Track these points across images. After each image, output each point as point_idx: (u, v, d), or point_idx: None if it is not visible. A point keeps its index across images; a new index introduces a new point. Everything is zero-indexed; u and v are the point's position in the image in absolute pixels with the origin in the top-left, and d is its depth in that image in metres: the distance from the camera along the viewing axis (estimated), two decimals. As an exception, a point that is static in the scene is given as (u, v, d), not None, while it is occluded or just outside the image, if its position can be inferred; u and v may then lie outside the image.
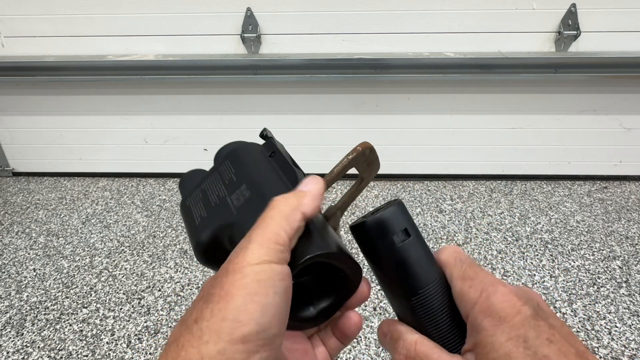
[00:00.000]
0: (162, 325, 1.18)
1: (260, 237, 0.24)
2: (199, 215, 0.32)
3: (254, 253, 0.23)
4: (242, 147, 0.36)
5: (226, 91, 1.76)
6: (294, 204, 0.26)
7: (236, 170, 0.33)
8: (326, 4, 1.54)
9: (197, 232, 0.31)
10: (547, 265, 1.38)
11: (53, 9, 1.59)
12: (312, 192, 0.27)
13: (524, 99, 1.72)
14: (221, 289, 0.23)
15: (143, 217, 1.67)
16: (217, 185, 0.34)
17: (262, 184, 0.31)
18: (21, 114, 1.86)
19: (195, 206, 0.33)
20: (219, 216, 0.31)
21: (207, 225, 0.31)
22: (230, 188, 0.32)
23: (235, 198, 0.31)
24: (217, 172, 0.35)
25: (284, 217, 0.25)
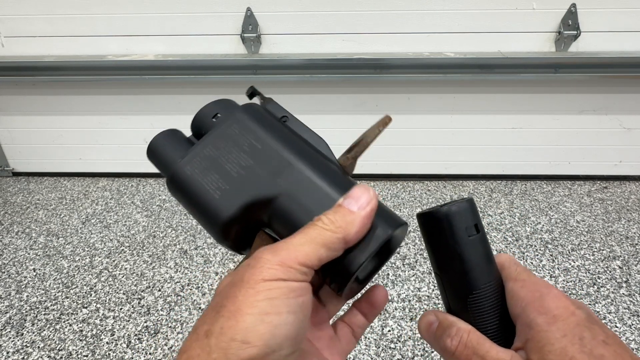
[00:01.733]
0: (162, 325, 1.18)
1: (288, 254, 0.23)
2: (217, 188, 0.29)
3: (271, 269, 0.23)
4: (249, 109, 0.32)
5: (226, 91, 1.75)
6: (340, 233, 0.24)
7: (256, 136, 0.30)
8: (326, 4, 1.54)
9: (220, 207, 0.28)
10: (547, 265, 1.38)
11: (53, 9, 1.59)
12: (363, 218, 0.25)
13: (524, 99, 1.72)
14: (233, 303, 0.22)
15: (143, 217, 1.67)
16: (232, 152, 0.30)
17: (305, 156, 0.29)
18: (21, 114, 1.86)
19: (205, 176, 0.29)
20: (252, 187, 0.28)
21: (234, 198, 0.28)
22: (256, 156, 0.29)
23: (271, 167, 0.28)
24: (222, 137, 0.30)
25: (325, 243, 0.24)
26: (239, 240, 0.30)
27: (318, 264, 0.24)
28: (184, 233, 1.57)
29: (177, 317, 1.20)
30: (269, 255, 0.23)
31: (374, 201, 0.26)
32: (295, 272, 0.23)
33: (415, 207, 1.71)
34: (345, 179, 0.29)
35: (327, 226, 0.24)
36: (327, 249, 0.24)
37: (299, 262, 0.23)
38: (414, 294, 1.26)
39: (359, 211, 0.25)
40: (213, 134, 0.31)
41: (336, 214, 0.25)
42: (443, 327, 0.28)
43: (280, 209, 0.28)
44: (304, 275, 0.23)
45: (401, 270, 1.36)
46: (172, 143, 0.33)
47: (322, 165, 0.29)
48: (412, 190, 1.84)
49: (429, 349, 1.09)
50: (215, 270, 1.38)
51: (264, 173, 0.28)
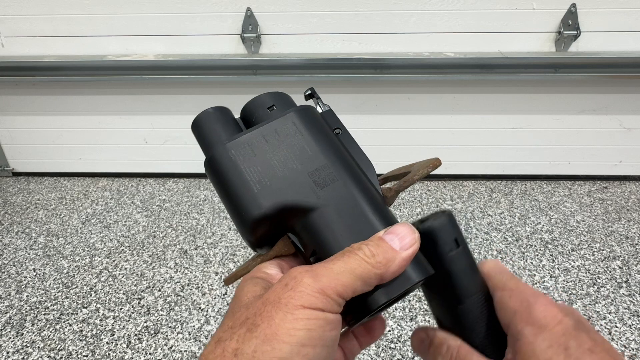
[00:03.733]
0: (162, 325, 1.18)
1: (329, 282, 0.22)
2: (257, 180, 0.27)
3: (311, 297, 0.22)
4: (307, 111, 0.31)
5: (226, 91, 1.76)
6: (379, 269, 0.23)
7: (309, 141, 0.29)
8: (326, 4, 1.54)
9: (256, 201, 0.27)
10: (547, 265, 1.38)
11: (53, 9, 1.59)
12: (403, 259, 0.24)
13: (524, 99, 1.72)
14: (269, 325, 0.21)
15: (143, 217, 1.67)
16: (282, 149, 0.28)
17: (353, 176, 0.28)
18: (21, 114, 1.86)
19: (248, 166, 0.28)
20: (294, 191, 0.27)
21: (272, 197, 0.27)
22: (305, 161, 0.28)
23: (317, 177, 0.27)
24: (275, 132, 0.29)
25: (362, 277, 0.23)
26: (263, 239, 0.29)
27: (351, 296, 0.23)
28: (184, 233, 1.57)
29: (177, 317, 1.20)
30: (310, 280, 0.22)
31: (416, 245, 0.25)
32: (333, 303, 0.22)
33: (415, 207, 1.71)
34: (387, 210, 0.28)
35: (368, 259, 0.23)
36: (363, 283, 0.23)
37: (338, 293, 0.22)
38: (414, 294, 1.26)
39: (401, 251, 0.24)
40: (266, 126, 0.30)
41: (378, 248, 0.24)
42: (435, 346, 0.28)
43: (314, 223, 0.27)
44: (339, 307, 0.22)
45: (401, 270, 1.36)
46: (220, 122, 0.32)
47: (367, 190, 0.28)
48: (412, 190, 1.84)
49: (429, 349, 1.09)
50: (215, 270, 1.38)
51: (309, 181, 0.27)
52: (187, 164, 1.92)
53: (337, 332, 0.23)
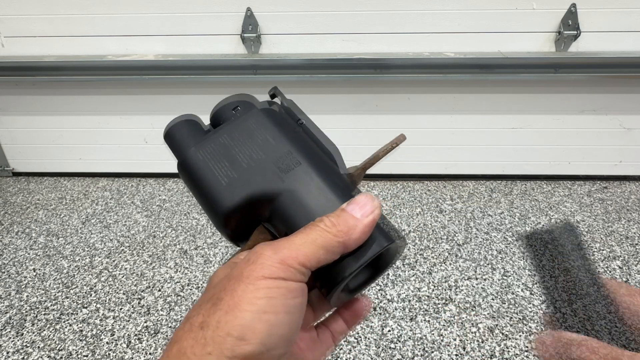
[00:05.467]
0: (162, 325, 1.18)
1: (289, 253, 0.23)
2: (225, 175, 0.29)
3: (272, 267, 0.23)
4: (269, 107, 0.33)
5: (226, 91, 1.74)
6: (341, 237, 0.24)
7: (271, 132, 0.31)
8: (326, 4, 1.54)
9: (226, 194, 0.28)
10: (547, 265, 1.37)
11: (53, 9, 1.59)
12: (365, 225, 0.25)
13: (524, 99, 1.72)
14: (232, 297, 0.22)
15: (143, 217, 1.67)
16: (246, 143, 0.30)
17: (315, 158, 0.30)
18: (21, 114, 1.86)
19: (216, 163, 0.30)
20: (260, 180, 0.28)
21: (240, 187, 0.28)
22: (268, 151, 0.30)
23: (281, 163, 0.29)
24: (239, 129, 0.31)
25: (324, 246, 0.24)
26: (239, 230, 0.30)
27: (316, 266, 0.24)
28: (184, 233, 1.57)
29: (177, 317, 1.20)
30: (270, 252, 0.23)
31: (377, 211, 0.26)
32: (295, 272, 0.23)
33: (415, 207, 1.71)
34: (351, 186, 0.30)
35: (329, 229, 0.24)
36: (326, 252, 0.24)
37: (299, 262, 0.23)
38: (414, 294, 1.26)
39: (362, 218, 0.25)
40: (230, 125, 0.32)
41: (339, 218, 0.25)
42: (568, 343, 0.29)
43: (282, 206, 0.28)
44: (302, 276, 0.23)
45: (401, 270, 1.36)
46: (190, 129, 0.34)
47: (330, 170, 0.30)
48: (412, 190, 1.84)
49: (429, 349, 1.09)
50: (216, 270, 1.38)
51: (273, 168, 0.29)
52: (187, 164, 1.92)
53: (300, 299, 0.23)
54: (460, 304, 1.23)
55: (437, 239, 1.51)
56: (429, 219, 1.63)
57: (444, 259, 1.41)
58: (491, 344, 1.10)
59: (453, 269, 1.36)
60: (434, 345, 1.10)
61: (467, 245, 1.48)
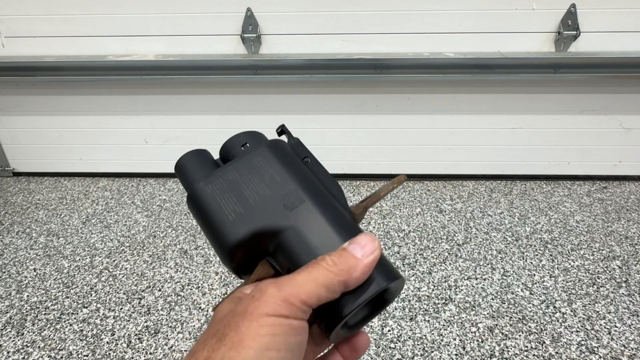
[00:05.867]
0: (163, 325, 1.18)
1: (292, 290, 0.24)
2: (232, 210, 0.30)
3: (275, 305, 0.23)
4: (276, 145, 0.34)
5: (226, 91, 1.76)
6: (342, 276, 0.25)
7: (278, 170, 0.32)
8: (326, 4, 1.54)
9: (232, 228, 0.29)
10: (547, 265, 1.38)
11: (53, 9, 1.59)
12: (365, 265, 0.26)
13: (524, 99, 1.72)
14: (236, 333, 0.23)
15: (143, 217, 1.68)
16: (254, 180, 0.31)
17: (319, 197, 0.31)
18: (21, 114, 1.86)
19: (223, 198, 0.31)
20: (265, 216, 0.30)
21: (246, 223, 0.29)
22: (275, 188, 0.31)
23: (287, 201, 0.30)
24: (247, 165, 0.32)
25: (326, 284, 0.25)
26: (243, 264, 0.31)
27: (317, 304, 0.24)
28: (184, 233, 1.57)
29: (177, 317, 1.21)
30: (274, 290, 0.24)
31: (377, 251, 0.27)
32: (297, 309, 0.24)
33: (415, 207, 1.71)
34: (353, 225, 0.30)
35: (331, 268, 0.25)
36: (327, 290, 0.25)
37: (301, 300, 0.24)
38: (413, 293, 1.27)
39: (363, 258, 0.26)
40: (239, 161, 0.33)
41: (340, 257, 0.26)
42: None
43: (286, 242, 0.29)
44: (304, 314, 0.24)
45: (401, 270, 1.36)
46: (199, 162, 0.35)
47: (334, 208, 0.30)
48: (412, 190, 1.84)
49: (429, 349, 1.09)
50: (216, 270, 1.38)
51: (279, 205, 0.30)
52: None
53: (302, 337, 0.24)
54: (460, 303, 1.23)
55: (437, 239, 1.51)
56: (428, 219, 1.63)
57: (443, 258, 1.41)
58: (491, 344, 1.10)
59: (453, 269, 1.36)
60: (433, 345, 1.10)
61: (467, 245, 1.48)
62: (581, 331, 1.13)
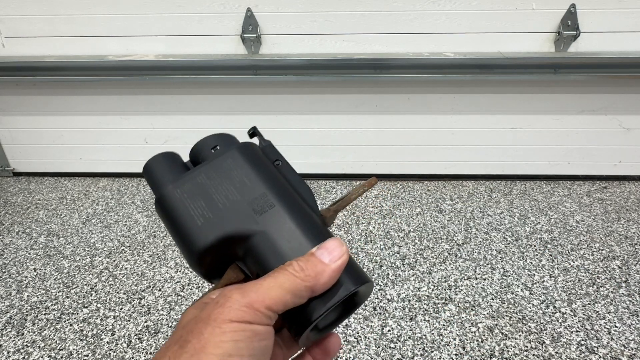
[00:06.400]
0: (163, 325, 1.18)
1: (257, 296, 0.24)
2: (201, 215, 0.29)
3: (239, 311, 0.23)
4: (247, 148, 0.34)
5: (226, 91, 1.76)
6: (309, 282, 0.25)
7: (247, 173, 0.31)
8: (326, 4, 1.54)
9: (201, 233, 0.29)
10: (547, 265, 1.38)
11: (53, 9, 1.59)
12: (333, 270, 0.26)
13: (524, 99, 1.72)
14: (198, 340, 0.22)
15: (143, 217, 1.68)
16: (223, 184, 0.31)
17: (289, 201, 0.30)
18: (22, 114, 1.86)
19: (192, 202, 0.30)
20: (234, 221, 0.29)
21: (215, 228, 0.29)
22: (244, 192, 0.30)
23: (256, 205, 0.30)
24: (217, 169, 0.32)
25: (292, 290, 0.24)
26: (212, 269, 0.30)
27: (283, 309, 0.24)
28: (184, 233, 1.57)
29: (177, 317, 1.21)
30: (238, 296, 0.24)
31: (345, 256, 0.26)
32: (262, 315, 0.23)
33: (415, 207, 1.71)
34: (323, 229, 0.30)
35: (297, 273, 0.25)
36: (293, 296, 0.24)
37: (266, 306, 0.23)
38: (413, 293, 1.27)
39: (330, 263, 0.26)
40: (208, 164, 0.32)
41: (307, 263, 0.26)
42: None
43: (255, 247, 0.29)
44: (268, 319, 0.24)
45: (401, 270, 1.36)
46: (168, 165, 0.34)
47: (304, 212, 0.30)
48: (412, 190, 1.84)
49: (429, 349, 1.09)
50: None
51: (248, 209, 0.29)
52: (187, 164, 1.92)
53: (267, 342, 0.24)
54: (460, 303, 1.23)
55: (437, 239, 1.51)
56: (428, 219, 1.63)
57: (443, 258, 1.41)
58: (491, 344, 1.10)
59: (453, 269, 1.36)
60: (433, 345, 1.10)
61: (467, 245, 1.48)
62: (581, 331, 1.13)
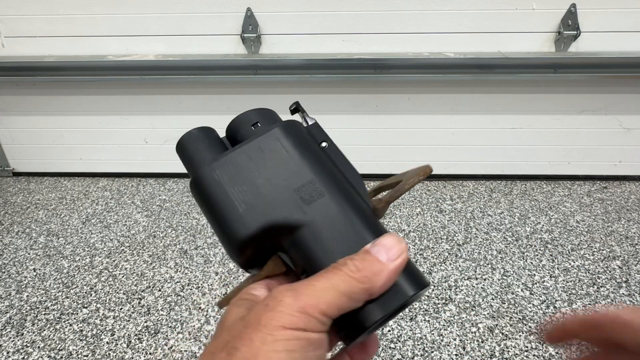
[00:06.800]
0: (162, 325, 1.18)
1: (310, 300, 0.21)
2: (243, 200, 0.27)
3: (292, 317, 0.21)
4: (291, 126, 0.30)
5: (226, 91, 1.76)
6: (365, 284, 0.22)
7: (293, 156, 0.28)
8: (326, 4, 1.54)
9: (243, 221, 0.26)
10: (547, 265, 1.38)
11: (53, 9, 1.59)
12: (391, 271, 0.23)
13: (524, 99, 1.72)
14: (248, 348, 0.20)
15: (143, 217, 1.68)
16: (266, 166, 0.28)
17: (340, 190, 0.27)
18: (21, 114, 1.86)
19: (232, 186, 0.27)
20: (280, 209, 0.26)
21: (259, 216, 0.26)
22: (290, 177, 0.27)
23: (304, 193, 0.27)
24: (259, 149, 0.29)
25: (348, 293, 0.22)
26: (253, 259, 0.28)
27: (338, 314, 0.22)
28: (184, 233, 1.57)
29: (177, 317, 1.21)
30: (290, 299, 0.21)
31: (404, 254, 0.24)
32: (316, 321, 0.21)
33: (415, 207, 1.71)
34: (376, 222, 0.28)
35: (353, 274, 0.22)
36: (349, 299, 0.22)
37: (320, 311, 0.21)
38: (413, 293, 1.26)
39: (388, 263, 0.23)
40: (250, 144, 0.29)
41: (364, 262, 0.23)
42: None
43: (303, 240, 0.26)
44: (323, 326, 0.22)
45: (401, 270, 1.36)
46: (205, 142, 0.31)
47: (356, 204, 0.27)
48: (412, 190, 1.84)
49: (429, 349, 1.09)
50: (215, 270, 1.38)
51: (295, 197, 0.27)
52: (187, 164, 1.92)
53: (321, 351, 0.22)
54: (460, 303, 1.23)
55: (437, 239, 1.51)
56: (428, 219, 1.63)
57: (444, 258, 1.41)
58: (491, 344, 1.10)
59: (453, 269, 1.36)
60: (433, 345, 1.10)
61: (467, 245, 1.48)
62: (581, 331, 1.13)
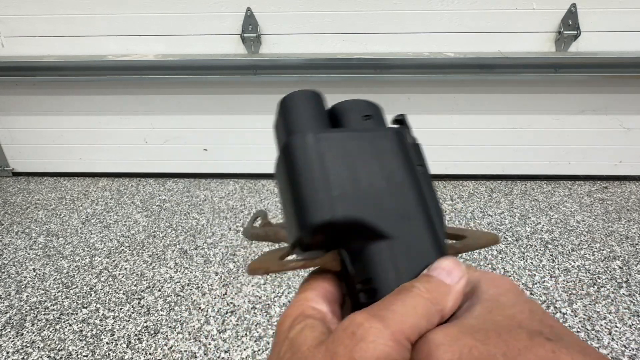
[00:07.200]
0: (162, 325, 1.18)
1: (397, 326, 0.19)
2: (339, 184, 0.25)
3: (385, 347, 0.18)
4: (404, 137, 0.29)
5: (226, 91, 1.76)
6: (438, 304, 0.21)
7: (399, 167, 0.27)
8: (326, 4, 1.54)
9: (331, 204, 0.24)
10: (547, 265, 1.38)
11: (53, 9, 1.59)
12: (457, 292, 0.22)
13: (524, 99, 1.72)
14: None
15: (143, 217, 1.67)
16: (373, 164, 0.26)
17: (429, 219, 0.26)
18: (21, 114, 1.86)
19: (333, 166, 0.26)
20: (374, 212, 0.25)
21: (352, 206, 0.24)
22: (393, 186, 0.26)
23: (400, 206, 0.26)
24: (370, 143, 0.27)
25: (425, 315, 0.20)
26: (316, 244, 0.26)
27: (416, 338, 0.20)
28: (183, 233, 1.57)
29: (177, 317, 1.20)
30: (380, 325, 0.19)
31: (466, 276, 0.23)
32: (405, 350, 0.19)
33: (415, 207, 1.71)
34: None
35: (425, 294, 0.21)
36: (427, 322, 0.20)
37: (406, 337, 0.19)
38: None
39: (454, 285, 0.22)
40: (365, 134, 0.27)
41: (429, 284, 0.21)
42: None
43: (379, 250, 0.25)
44: (408, 353, 0.19)
45: (401, 270, 1.36)
46: (316, 110, 0.29)
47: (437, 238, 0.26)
48: (412, 190, 1.84)
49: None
50: (215, 270, 1.38)
51: (392, 206, 0.25)
52: (187, 164, 1.92)
53: None
54: (460, 304, 1.23)
55: (437, 239, 1.51)
56: (429, 219, 1.63)
57: (444, 259, 1.41)
58: (491, 344, 1.10)
59: (453, 269, 1.36)
60: (434, 345, 1.10)
61: (467, 245, 1.48)
62: (582, 331, 1.13)
